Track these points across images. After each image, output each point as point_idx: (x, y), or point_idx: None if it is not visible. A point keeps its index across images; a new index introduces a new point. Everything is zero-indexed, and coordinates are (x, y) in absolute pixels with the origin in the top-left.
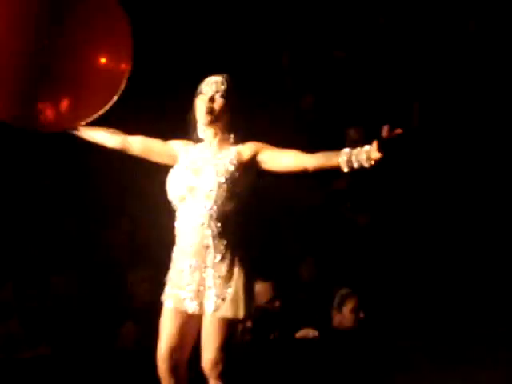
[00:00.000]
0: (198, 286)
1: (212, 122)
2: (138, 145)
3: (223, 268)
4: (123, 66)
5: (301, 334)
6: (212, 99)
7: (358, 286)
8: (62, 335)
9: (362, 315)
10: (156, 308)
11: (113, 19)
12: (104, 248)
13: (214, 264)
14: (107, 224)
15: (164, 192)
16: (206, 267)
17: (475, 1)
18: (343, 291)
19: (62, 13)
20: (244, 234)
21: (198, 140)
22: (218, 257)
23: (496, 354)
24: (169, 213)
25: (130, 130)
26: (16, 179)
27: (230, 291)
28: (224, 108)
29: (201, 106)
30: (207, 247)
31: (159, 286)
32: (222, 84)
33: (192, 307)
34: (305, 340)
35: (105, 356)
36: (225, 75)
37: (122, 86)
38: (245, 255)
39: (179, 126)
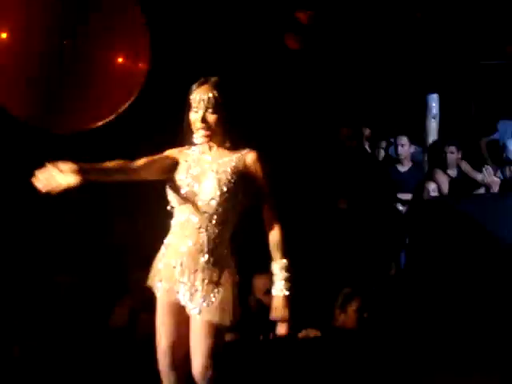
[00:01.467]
0: (188, 283)
1: (209, 136)
2: (145, 170)
3: (214, 273)
4: (141, 65)
5: (302, 334)
6: (204, 119)
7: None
8: (62, 333)
9: (365, 315)
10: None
11: (130, 19)
12: (106, 247)
13: (206, 268)
14: (110, 223)
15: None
16: (196, 270)
17: None
18: (347, 291)
19: (81, 14)
20: (237, 239)
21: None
22: (211, 261)
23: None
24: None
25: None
26: (18, 179)
27: (217, 297)
28: (218, 121)
29: (195, 123)
30: (201, 251)
31: None
32: (209, 100)
33: (184, 300)
34: (306, 340)
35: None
36: (211, 84)
37: (140, 86)
38: (235, 262)
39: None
